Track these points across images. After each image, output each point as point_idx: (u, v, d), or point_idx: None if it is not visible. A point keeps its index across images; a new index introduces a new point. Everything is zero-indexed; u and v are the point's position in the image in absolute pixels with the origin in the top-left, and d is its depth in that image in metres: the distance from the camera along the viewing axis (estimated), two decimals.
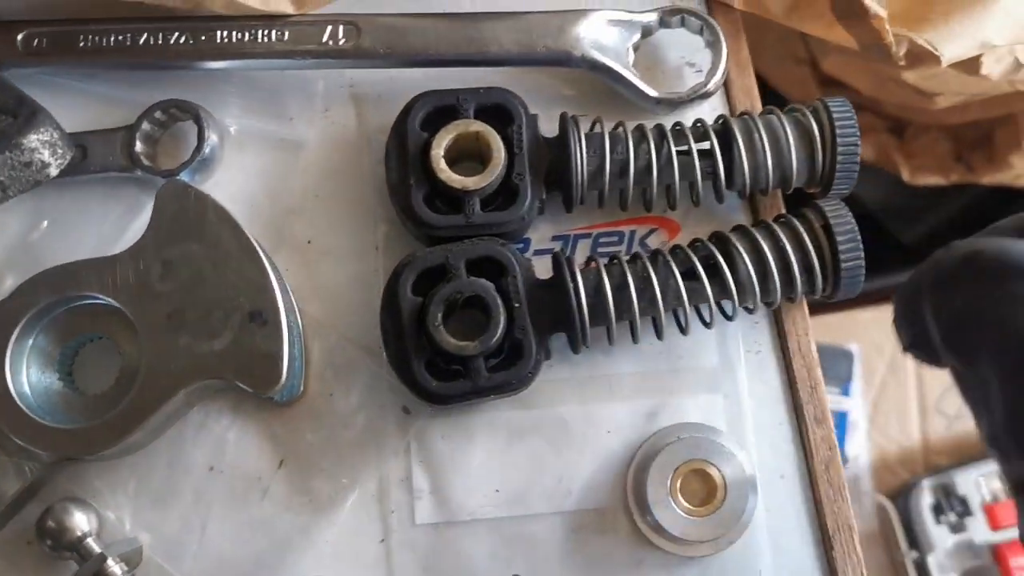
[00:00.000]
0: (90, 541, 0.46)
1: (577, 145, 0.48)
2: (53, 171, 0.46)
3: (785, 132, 0.49)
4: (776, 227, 0.48)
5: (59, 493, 0.48)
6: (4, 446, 0.45)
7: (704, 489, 0.47)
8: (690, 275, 0.47)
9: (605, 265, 0.47)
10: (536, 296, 0.46)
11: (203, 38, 0.50)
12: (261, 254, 0.46)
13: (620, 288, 0.46)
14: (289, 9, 0.50)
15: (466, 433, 0.49)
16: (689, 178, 0.49)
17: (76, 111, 0.52)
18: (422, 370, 0.45)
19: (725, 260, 0.47)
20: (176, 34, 0.50)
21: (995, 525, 1.02)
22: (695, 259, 0.47)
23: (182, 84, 0.53)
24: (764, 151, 0.48)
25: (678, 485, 0.47)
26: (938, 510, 1.04)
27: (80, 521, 0.46)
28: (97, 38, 0.51)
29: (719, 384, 0.50)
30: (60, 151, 0.46)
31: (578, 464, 0.49)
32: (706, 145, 0.49)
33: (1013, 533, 1.02)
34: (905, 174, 1.09)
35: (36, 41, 0.51)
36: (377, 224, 0.52)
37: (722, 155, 0.48)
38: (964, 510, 1.04)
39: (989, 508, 1.04)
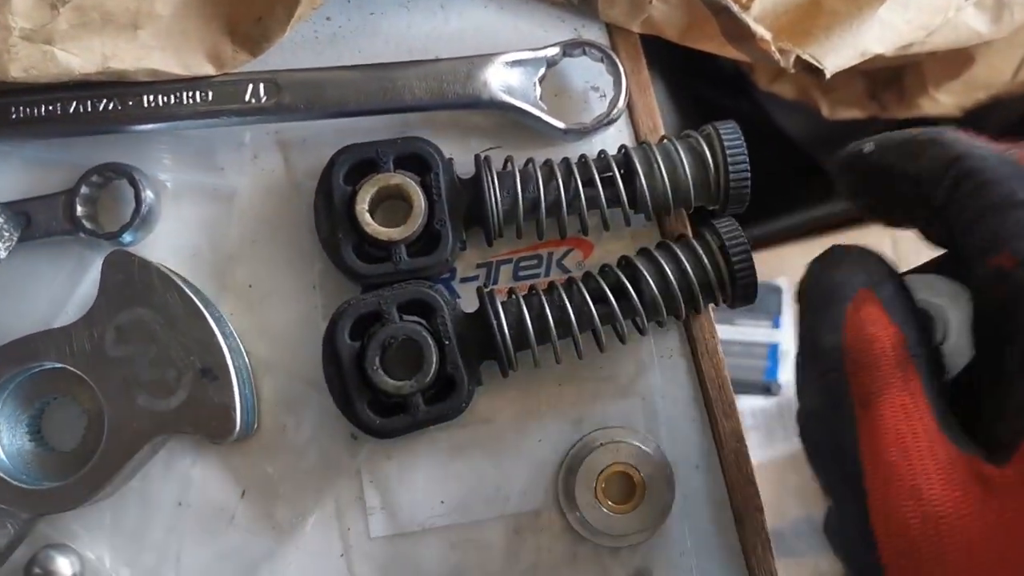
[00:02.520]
0: None
1: (491, 188, 0.52)
2: (2, 253, 0.49)
3: (680, 158, 0.53)
4: (677, 249, 0.52)
5: (41, 539, 0.52)
6: None
7: (626, 488, 0.53)
8: (601, 300, 0.52)
9: (524, 296, 0.52)
10: (464, 330, 0.51)
11: (131, 103, 0.53)
12: (206, 313, 0.50)
13: (539, 317, 0.51)
14: (210, 70, 0.53)
15: (410, 452, 0.54)
16: (596, 206, 0.53)
17: (15, 176, 0.55)
18: (365, 409, 0.50)
19: (632, 284, 0.51)
20: (104, 101, 0.53)
21: None
22: (604, 285, 0.52)
23: (115, 143, 0.55)
24: (663, 178, 0.53)
25: (602, 487, 0.53)
26: None
27: (64, 566, 0.51)
28: (28, 109, 0.53)
29: (636, 389, 0.55)
30: (7, 234, 0.49)
31: (514, 471, 0.55)
32: (609, 175, 0.53)
33: None
34: (824, 110, 1.14)
35: None
36: (313, 263, 0.56)
37: (624, 184, 0.53)
38: None
39: None
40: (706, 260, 0.52)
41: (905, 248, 1.11)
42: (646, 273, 0.52)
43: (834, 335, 0.37)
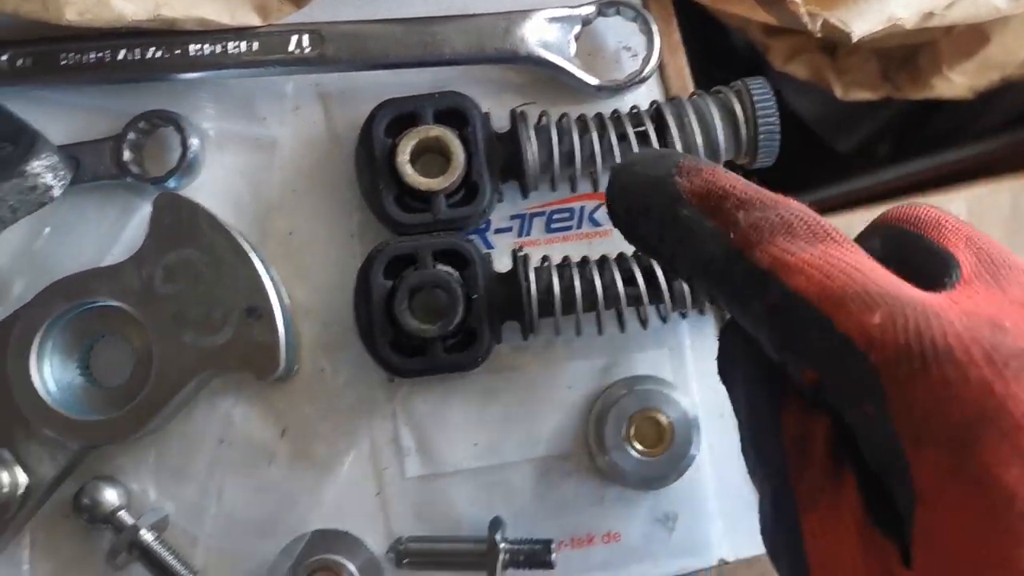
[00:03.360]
0: (122, 514, 0.52)
1: (528, 141, 0.53)
2: (56, 192, 0.50)
3: (711, 113, 0.54)
4: None
5: (89, 472, 0.54)
6: (38, 437, 0.51)
7: (655, 433, 0.55)
8: (630, 282, 0.53)
9: (557, 266, 0.53)
10: (493, 288, 0.53)
11: (177, 52, 0.54)
12: (252, 254, 0.52)
13: (568, 290, 0.52)
14: (256, 21, 0.54)
15: (445, 396, 0.56)
16: None
17: (62, 123, 0.56)
18: (386, 346, 0.52)
19: (663, 272, 0.53)
20: (152, 49, 0.54)
21: None
22: (636, 269, 0.53)
23: (160, 92, 0.57)
24: (694, 132, 0.54)
25: (632, 432, 0.54)
26: None
27: (111, 497, 0.52)
28: (78, 56, 0.54)
29: (664, 340, 0.57)
30: (61, 173, 0.51)
31: (544, 416, 0.56)
32: (642, 129, 0.55)
33: None
34: (837, 90, 1.15)
35: (20, 61, 0.55)
36: (351, 213, 0.57)
37: (657, 137, 0.54)
38: None
39: None
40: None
41: None
42: None
43: (771, 438, 0.38)
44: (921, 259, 0.38)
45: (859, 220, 0.43)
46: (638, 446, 0.54)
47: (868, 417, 0.33)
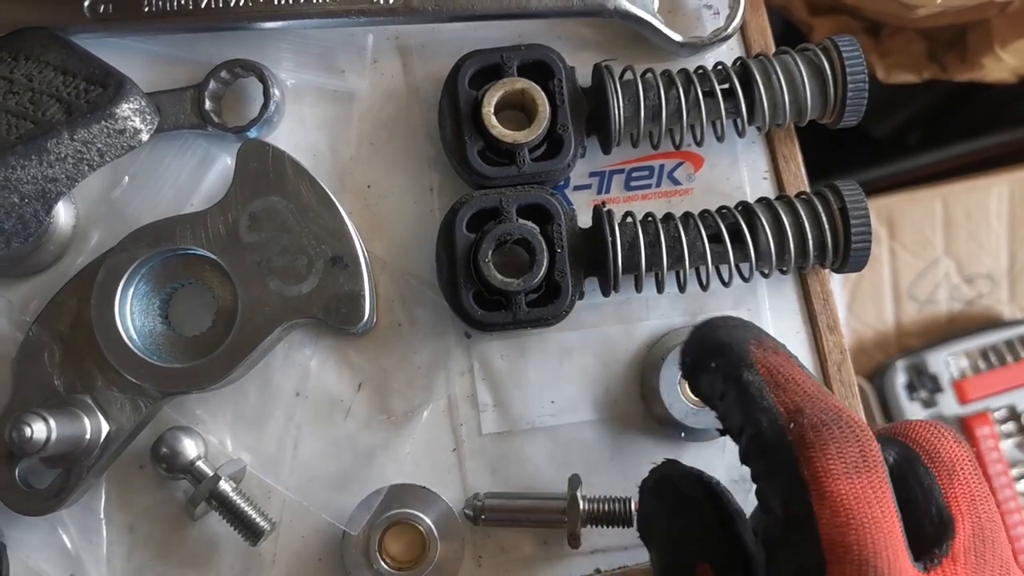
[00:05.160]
0: (201, 464, 0.52)
1: (614, 95, 0.53)
2: (144, 136, 0.50)
3: (800, 71, 0.54)
4: (798, 204, 0.53)
5: (165, 422, 0.54)
6: (119, 384, 0.51)
7: None
8: (716, 239, 0.52)
9: (641, 222, 0.53)
10: (576, 243, 0.52)
11: (261, 0, 0.54)
12: (337, 204, 0.51)
13: (652, 244, 0.52)
14: None
15: (522, 353, 0.56)
16: (714, 117, 0.54)
17: (142, 71, 0.56)
18: (470, 300, 0.51)
19: (749, 230, 0.52)
20: None
21: (963, 399, 1.13)
22: (722, 226, 0.52)
23: (238, 41, 0.56)
24: (781, 90, 0.54)
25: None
26: (911, 388, 1.14)
27: (189, 447, 0.52)
28: (160, 3, 0.54)
29: (743, 301, 0.57)
30: (148, 117, 0.50)
31: (621, 375, 0.56)
32: (727, 86, 0.54)
33: (979, 406, 1.12)
34: (880, 73, 1.15)
35: (102, 7, 0.54)
36: (430, 167, 0.57)
37: (744, 94, 0.54)
38: (935, 387, 1.14)
39: (958, 384, 1.14)
40: (825, 220, 0.52)
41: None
42: (764, 222, 0.52)
43: None
44: (925, 509, 0.40)
45: (900, 202, 0.43)
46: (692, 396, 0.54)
47: None
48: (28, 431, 0.45)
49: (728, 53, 0.58)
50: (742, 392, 0.40)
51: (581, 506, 0.52)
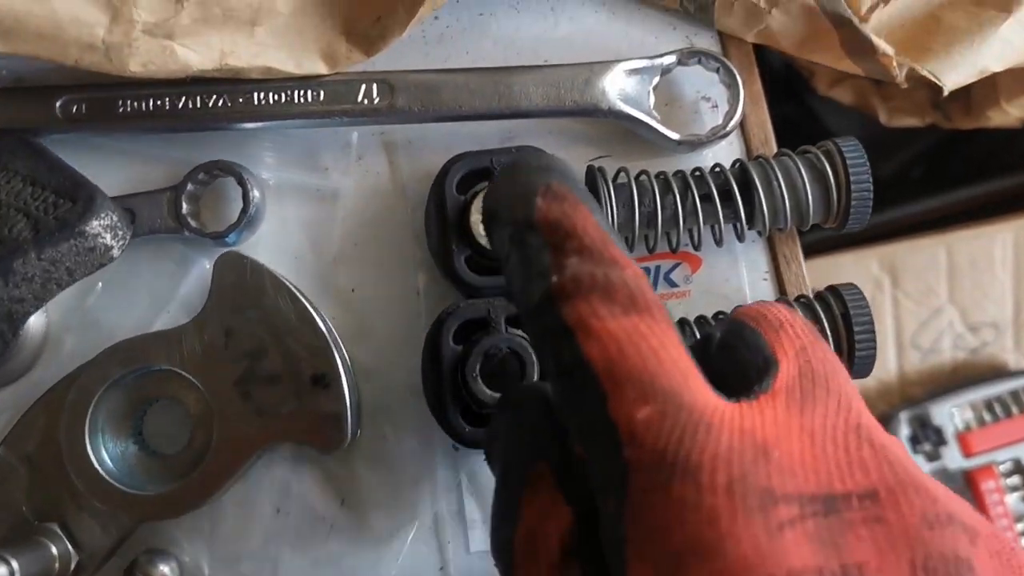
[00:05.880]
0: None
1: (608, 200, 0.50)
2: (116, 252, 0.48)
3: (801, 175, 0.52)
4: (798, 309, 0.51)
5: (140, 543, 0.51)
6: (89, 509, 0.49)
7: None
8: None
9: None
10: None
11: (240, 100, 0.52)
12: (318, 319, 0.49)
13: None
14: (323, 70, 0.52)
15: None
16: (712, 222, 0.52)
17: (116, 171, 0.54)
18: (457, 415, 0.49)
19: None
20: (214, 97, 0.52)
21: (967, 452, 1.10)
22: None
23: (218, 140, 0.54)
24: (782, 195, 0.51)
25: None
26: (915, 440, 1.12)
27: (165, 570, 0.50)
28: (135, 103, 0.52)
29: None
30: (120, 232, 0.48)
31: None
32: (727, 190, 0.52)
33: (984, 459, 1.10)
34: (882, 116, 1.13)
35: (75, 107, 0.52)
36: (417, 269, 0.55)
37: (743, 200, 0.52)
38: (939, 439, 1.12)
39: (962, 436, 1.11)
40: (827, 326, 0.51)
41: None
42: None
43: (507, 527, 0.36)
44: (748, 357, 0.36)
45: (903, 250, 0.41)
46: None
47: (608, 514, 0.31)
48: None
49: (728, 148, 0.56)
50: (520, 258, 0.35)
51: None
